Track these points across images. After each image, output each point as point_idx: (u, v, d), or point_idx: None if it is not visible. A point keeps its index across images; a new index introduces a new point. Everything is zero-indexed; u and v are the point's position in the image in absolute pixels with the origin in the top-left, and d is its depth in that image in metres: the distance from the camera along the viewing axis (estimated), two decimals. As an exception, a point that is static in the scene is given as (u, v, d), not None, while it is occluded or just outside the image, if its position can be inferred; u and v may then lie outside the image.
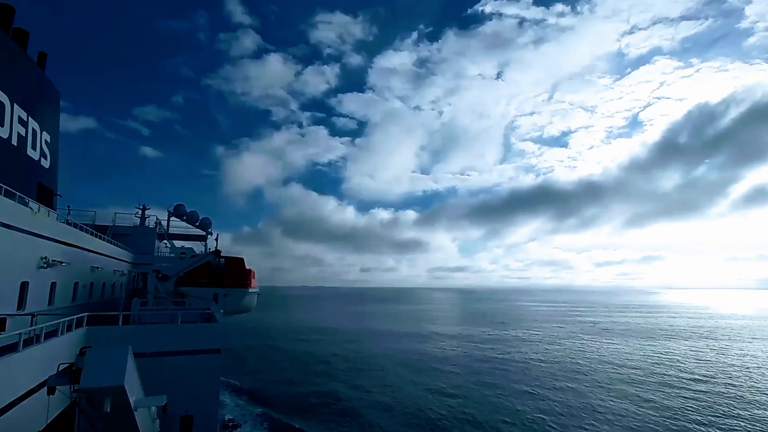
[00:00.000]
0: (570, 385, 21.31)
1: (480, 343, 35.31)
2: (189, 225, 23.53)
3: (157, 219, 23.38)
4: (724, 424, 16.05)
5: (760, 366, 27.07)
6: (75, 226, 13.30)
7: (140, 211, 23.69)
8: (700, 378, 23.04)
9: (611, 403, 18.15)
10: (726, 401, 18.80)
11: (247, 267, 19.40)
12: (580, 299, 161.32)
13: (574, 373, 23.90)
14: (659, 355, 30.93)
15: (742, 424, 16.16)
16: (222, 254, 19.89)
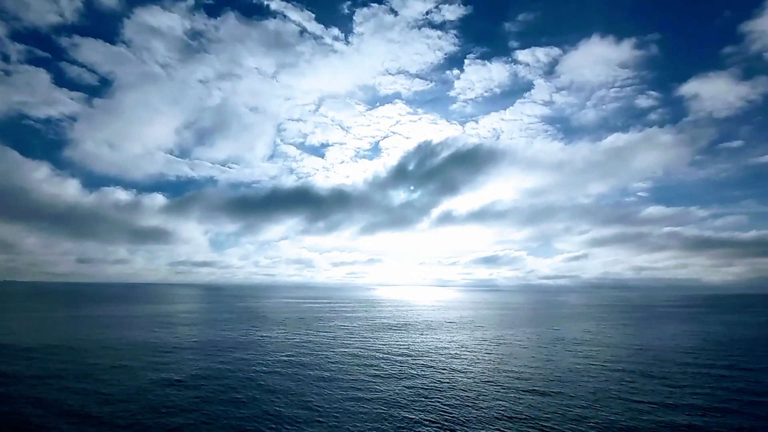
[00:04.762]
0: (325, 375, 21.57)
1: (245, 349, 32.03)
2: None
3: None
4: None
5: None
6: None
7: None
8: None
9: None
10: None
11: None
12: (325, 295, 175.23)
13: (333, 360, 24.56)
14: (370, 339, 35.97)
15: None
16: None
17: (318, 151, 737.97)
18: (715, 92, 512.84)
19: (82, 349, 29.64)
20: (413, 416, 15.90)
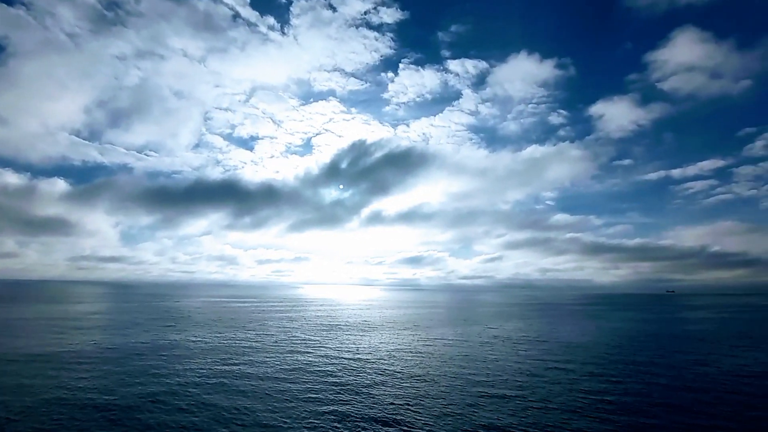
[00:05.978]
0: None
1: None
2: None
3: None
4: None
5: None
6: None
7: None
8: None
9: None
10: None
11: None
12: (251, 294, 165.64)
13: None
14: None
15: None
16: None
17: (247, 143, 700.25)
18: (616, 115, 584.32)
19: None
20: (392, 429, 14.67)
